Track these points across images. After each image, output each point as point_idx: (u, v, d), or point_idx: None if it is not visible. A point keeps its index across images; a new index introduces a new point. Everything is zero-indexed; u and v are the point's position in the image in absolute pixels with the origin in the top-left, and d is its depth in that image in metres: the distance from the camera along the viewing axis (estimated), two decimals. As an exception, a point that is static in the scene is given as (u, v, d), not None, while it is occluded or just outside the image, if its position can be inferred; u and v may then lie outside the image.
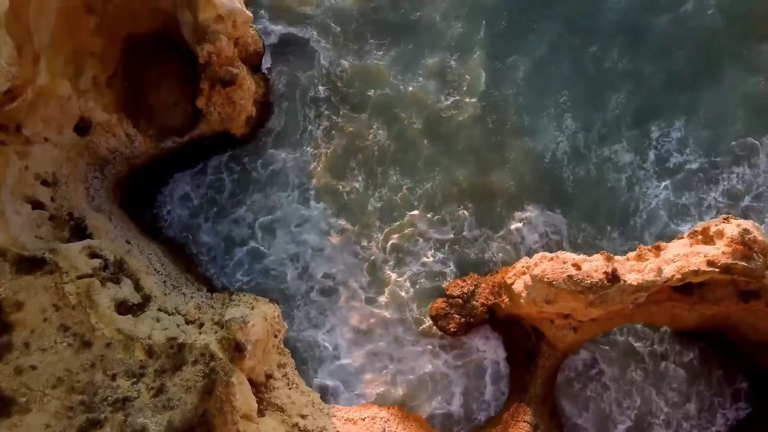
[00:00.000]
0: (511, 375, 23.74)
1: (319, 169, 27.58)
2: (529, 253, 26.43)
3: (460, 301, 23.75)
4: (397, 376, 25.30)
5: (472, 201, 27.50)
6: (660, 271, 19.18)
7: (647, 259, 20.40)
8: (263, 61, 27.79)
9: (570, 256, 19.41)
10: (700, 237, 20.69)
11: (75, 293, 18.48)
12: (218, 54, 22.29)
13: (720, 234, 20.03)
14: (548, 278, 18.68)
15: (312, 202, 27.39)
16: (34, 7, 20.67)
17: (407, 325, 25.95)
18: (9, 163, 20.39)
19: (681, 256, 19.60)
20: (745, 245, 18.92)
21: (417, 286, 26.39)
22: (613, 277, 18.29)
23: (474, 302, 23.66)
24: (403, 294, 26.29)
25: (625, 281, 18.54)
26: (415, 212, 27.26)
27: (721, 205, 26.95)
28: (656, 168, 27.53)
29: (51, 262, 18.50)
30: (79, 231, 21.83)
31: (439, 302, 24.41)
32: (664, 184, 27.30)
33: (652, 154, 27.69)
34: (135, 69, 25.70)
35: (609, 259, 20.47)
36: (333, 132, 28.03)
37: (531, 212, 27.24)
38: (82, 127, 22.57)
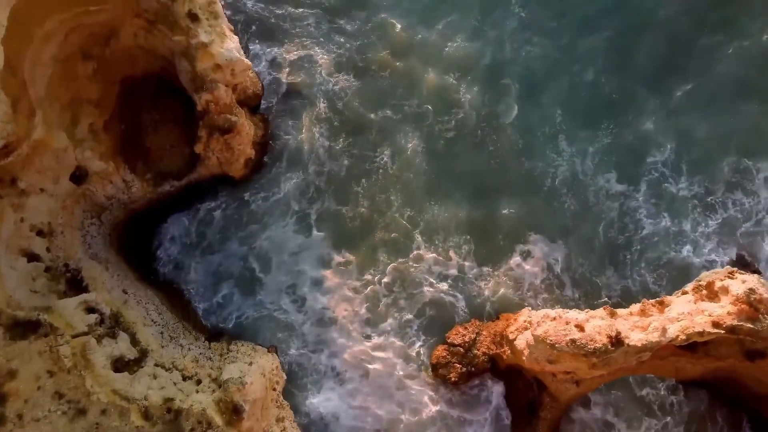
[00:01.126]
0: (513, 425, 23.41)
1: (320, 194, 27.23)
2: (531, 289, 26.22)
3: (461, 350, 23.45)
4: (395, 417, 24.96)
5: (474, 231, 27.16)
6: (664, 330, 18.86)
7: (651, 315, 20.10)
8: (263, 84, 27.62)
9: (572, 316, 19.10)
10: (704, 292, 20.37)
11: (70, 355, 18.21)
12: (216, 102, 22.00)
13: (725, 291, 19.71)
14: (551, 340, 18.38)
15: (314, 230, 26.97)
16: (31, 58, 20.45)
17: (406, 363, 25.59)
18: (4, 217, 20.10)
19: (685, 315, 19.28)
20: (751, 306, 18.60)
21: (417, 322, 26.05)
22: (617, 342, 17.98)
23: (475, 351, 23.35)
24: (403, 330, 25.94)
25: (628, 344, 18.22)
26: (417, 244, 26.93)
27: (718, 232, 26.56)
28: (651, 196, 27.07)
29: (45, 324, 18.23)
30: (75, 283, 21.52)
31: (440, 350, 24.10)
32: (659, 212, 26.86)
33: (645, 182, 27.27)
34: (132, 111, 25.41)
35: (612, 315, 20.18)
36: (335, 158, 27.70)
37: (532, 244, 26.91)
38: (79, 176, 22.27)
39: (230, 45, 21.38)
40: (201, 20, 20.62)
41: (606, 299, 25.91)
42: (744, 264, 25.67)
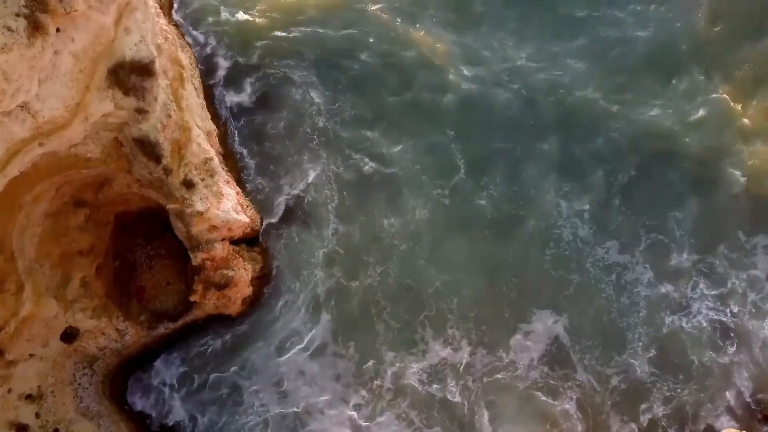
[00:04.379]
0: None
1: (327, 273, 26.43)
2: (534, 369, 25.21)
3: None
4: None
5: (478, 308, 25.92)
6: None
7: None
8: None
9: None
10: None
11: None
12: (212, 260, 21.22)
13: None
14: None
15: (321, 315, 25.99)
16: (20, 223, 19.67)
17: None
18: (-10, 394, 19.39)
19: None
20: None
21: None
22: None
23: None
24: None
25: None
26: (422, 333, 25.86)
27: (720, 305, 25.70)
28: (651, 268, 26.00)
29: None
30: (65, 451, 20.80)
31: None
32: (660, 284, 25.87)
33: (645, 252, 26.24)
34: (126, 246, 24.72)
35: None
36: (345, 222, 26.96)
37: (537, 321, 25.66)
38: (70, 334, 21.48)
39: (227, 205, 20.61)
40: (197, 186, 19.85)
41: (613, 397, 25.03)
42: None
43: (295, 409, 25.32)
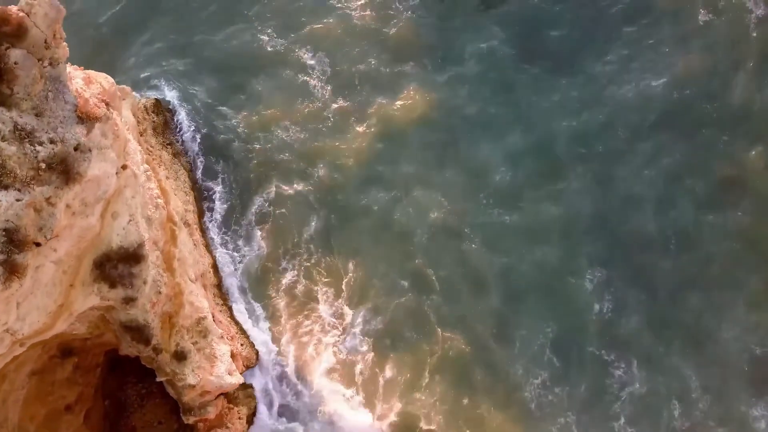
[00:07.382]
0: None
1: None
2: None
3: None
4: None
5: None
6: None
7: None
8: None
9: None
10: None
11: None
12: (205, 421, 20.28)
13: None
14: None
15: None
16: (3, 392, 18.74)
17: None
18: None
19: None
20: None
21: None
22: None
23: None
24: None
25: None
26: None
27: None
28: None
29: None
30: None
31: None
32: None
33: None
34: (117, 385, 23.85)
35: None
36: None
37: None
38: (56, 497, 20.54)
39: (221, 369, 19.65)
40: (189, 355, 18.91)
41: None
42: None
43: None
